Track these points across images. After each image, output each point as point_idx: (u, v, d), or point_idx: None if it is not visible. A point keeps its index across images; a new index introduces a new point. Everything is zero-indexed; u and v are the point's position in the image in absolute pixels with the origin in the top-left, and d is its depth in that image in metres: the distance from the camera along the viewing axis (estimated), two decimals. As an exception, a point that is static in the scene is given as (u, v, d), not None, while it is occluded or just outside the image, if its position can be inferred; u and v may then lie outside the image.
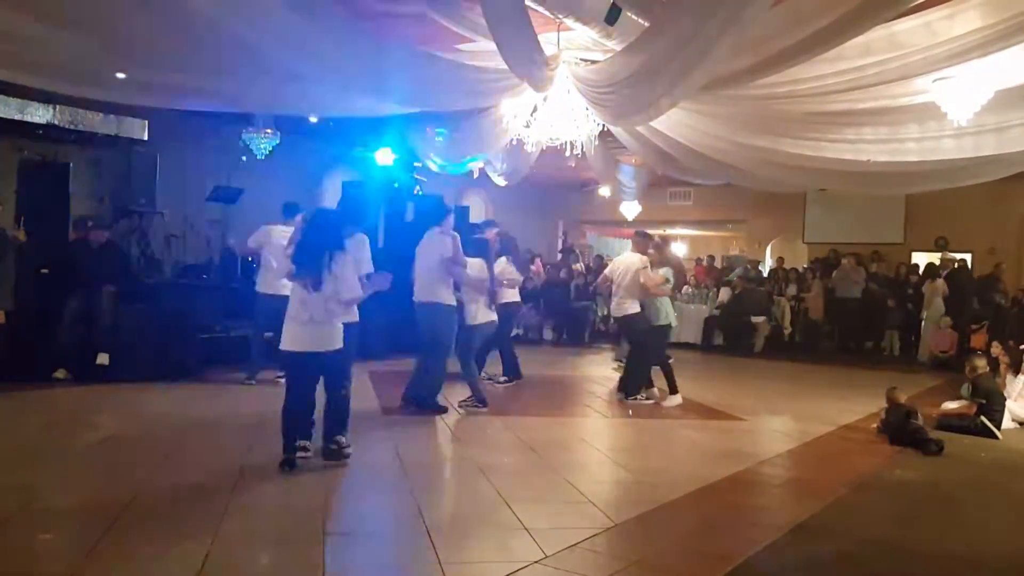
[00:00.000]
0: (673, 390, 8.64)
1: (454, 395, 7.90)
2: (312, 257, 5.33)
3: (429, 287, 7.40)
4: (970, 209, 14.67)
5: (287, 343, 5.43)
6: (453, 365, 7.75)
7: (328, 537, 4.14)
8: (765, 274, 17.23)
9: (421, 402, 7.55)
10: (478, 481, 5.40)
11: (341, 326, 5.55)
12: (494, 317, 8.04)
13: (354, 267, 5.62)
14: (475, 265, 7.78)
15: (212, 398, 7.97)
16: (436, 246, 7.43)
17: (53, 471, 5.25)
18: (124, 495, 4.65)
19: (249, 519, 4.41)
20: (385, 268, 6.12)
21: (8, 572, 3.60)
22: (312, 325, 5.35)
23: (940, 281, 13.59)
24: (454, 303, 7.56)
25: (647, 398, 8.66)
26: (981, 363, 8.04)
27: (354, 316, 5.98)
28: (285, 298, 5.61)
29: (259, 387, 8.42)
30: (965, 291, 13.54)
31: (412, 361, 7.88)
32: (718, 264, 18.13)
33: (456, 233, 7.59)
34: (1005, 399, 7.89)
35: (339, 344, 5.49)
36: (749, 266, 16.71)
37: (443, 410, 7.56)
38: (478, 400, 7.76)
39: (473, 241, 8.12)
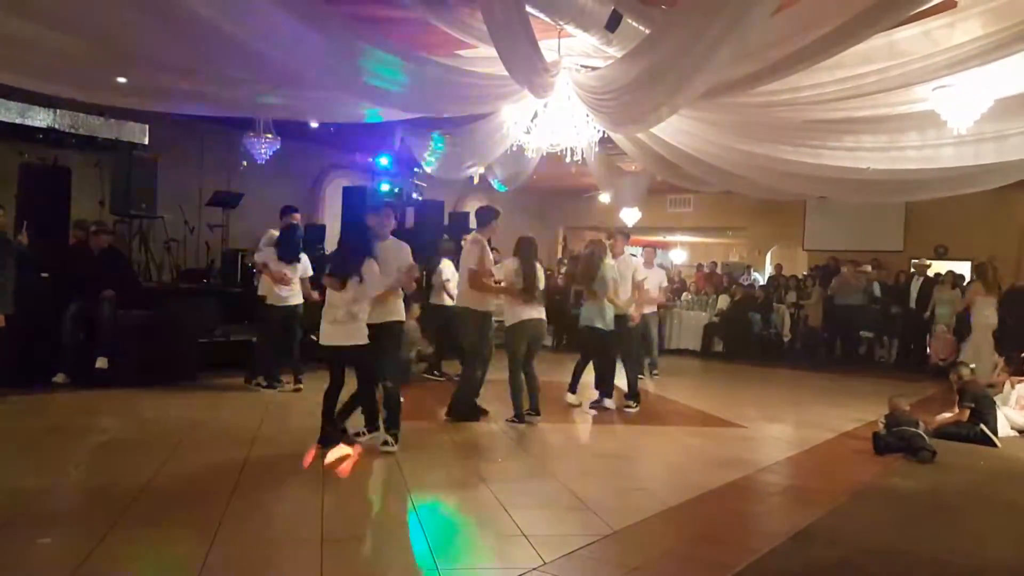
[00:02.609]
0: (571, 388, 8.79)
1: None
2: (341, 262, 6.08)
3: (462, 291, 7.59)
4: (970, 217, 14.69)
5: (321, 338, 6.12)
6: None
7: (326, 541, 4.13)
8: (763, 282, 17.27)
9: (457, 407, 7.54)
10: (477, 486, 5.40)
11: (364, 325, 6.02)
12: (536, 315, 7.63)
13: (396, 271, 6.26)
14: (506, 268, 7.73)
15: (211, 402, 7.97)
16: (467, 254, 7.51)
17: (52, 475, 5.24)
18: (123, 498, 4.65)
19: (247, 524, 4.40)
20: None
21: (8, 575, 3.59)
22: (337, 324, 5.99)
23: (957, 290, 13.50)
24: (484, 309, 7.50)
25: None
26: (966, 371, 8.12)
27: (399, 315, 6.42)
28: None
29: (260, 392, 8.44)
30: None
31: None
32: (718, 271, 18.15)
33: (484, 242, 7.56)
34: (994, 403, 7.92)
35: (361, 340, 6.00)
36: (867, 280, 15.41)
37: (482, 413, 7.55)
38: (515, 416, 7.50)
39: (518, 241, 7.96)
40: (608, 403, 8.62)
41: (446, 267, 9.93)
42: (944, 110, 6.65)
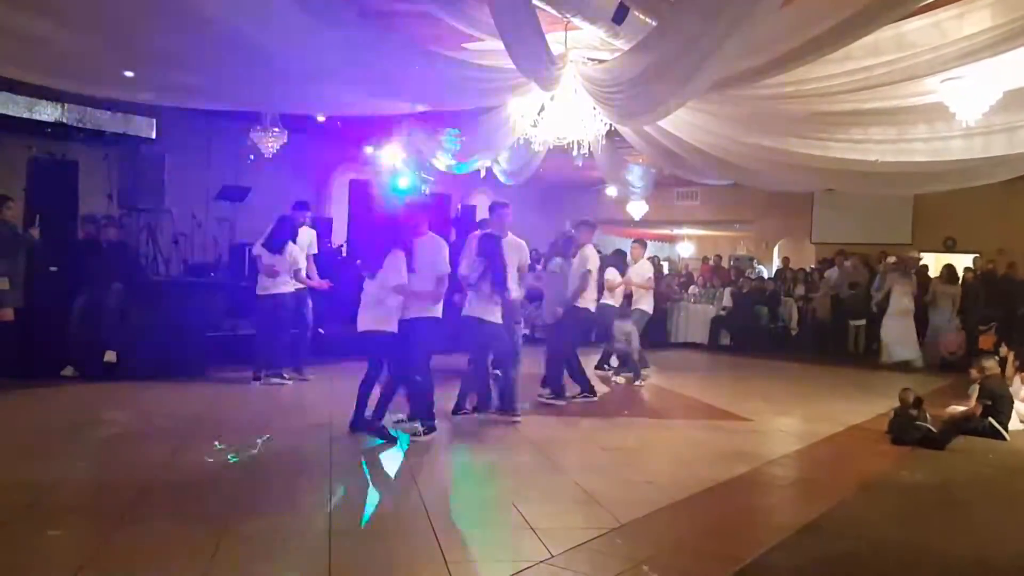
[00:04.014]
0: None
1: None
2: (373, 254, 6.45)
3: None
4: (979, 210, 14.60)
5: (358, 326, 6.43)
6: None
7: (335, 535, 4.14)
8: (770, 274, 17.22)
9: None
10: (484, 480, 5.41)
11: (393, 311, 6.31)
12: (481, 315, 7.04)
13: (431, 266, 6.43)
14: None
15: (219, 395, 7.99)
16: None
17: (61, 468, 5.26)
18: (131, 492, 4.67)
19: (256, 517, 4.42)
20: None
21: (18, 567, 3.61)
22: (367, 310, 6.35)
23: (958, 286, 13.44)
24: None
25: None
26: (990, 364, 8.01)
27: (435, 312, 6.53)
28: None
29: (266, 385, 8.47)
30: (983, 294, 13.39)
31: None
32: (724, 264, 18.12)
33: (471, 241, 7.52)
34: (1013, 401, 7.86)
35: (388, 327, 6.30)
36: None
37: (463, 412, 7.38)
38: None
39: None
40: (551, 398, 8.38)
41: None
42: (953, 102, 6.62)
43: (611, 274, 10.02)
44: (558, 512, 4.80)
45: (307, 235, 9.17)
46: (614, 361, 10.90)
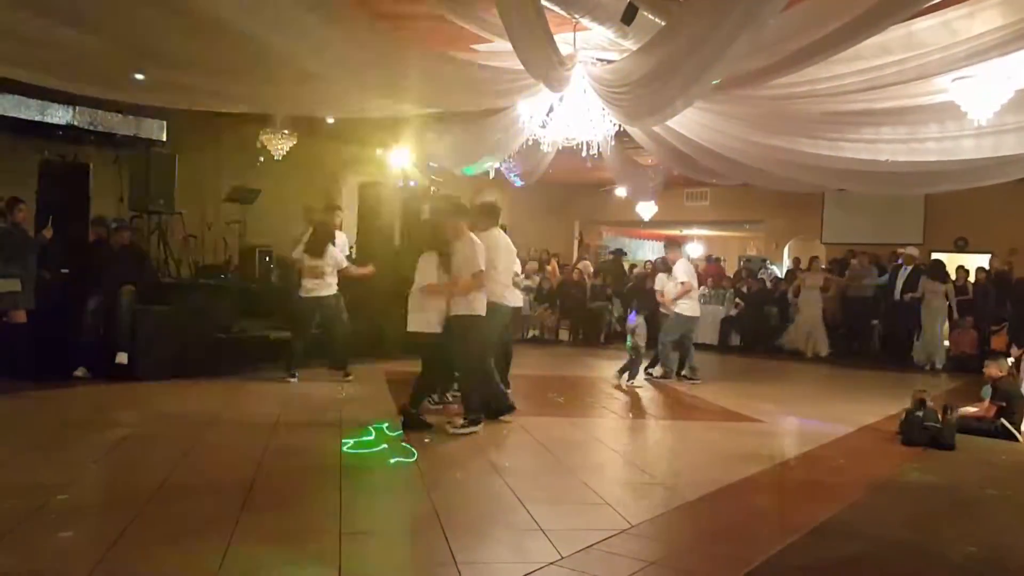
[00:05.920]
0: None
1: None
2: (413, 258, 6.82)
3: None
4: (991, 209, 14.51)
5: (407, 327, 6.74)
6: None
7: (345, 536, 4.15)
8: (782, 275, 17.16)
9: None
10: (494, 481, 5.40)
11: (432, 313, 6.58)
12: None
13: (465, 265, 6.57)
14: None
15: (230, 397, 8.01)
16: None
17: (72, 469, 5.29)
18: (143, 493, 4.69)
19: (266, 518, 4.43)
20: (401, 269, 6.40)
21: (28, 570, 3.63)
22: (413, 312, 6.69)
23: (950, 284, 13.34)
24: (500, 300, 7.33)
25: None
26: (1004, 365, 7.98)
27: (479, 310, 6.66)
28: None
29: (278, 385, 8.50)
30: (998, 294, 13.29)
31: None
32: (733, 265, 18.08)
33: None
34: (1026, 400, 7.82)
35: (427, 328, 6.59)
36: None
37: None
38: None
39: None
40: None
41: None
42: (964, 101, 6.59)
43: (660, 283, 10.17)
44: (567, 513, 4.80)
45: (340, 238, 9.52)
46: (671, 364, 10.75)
